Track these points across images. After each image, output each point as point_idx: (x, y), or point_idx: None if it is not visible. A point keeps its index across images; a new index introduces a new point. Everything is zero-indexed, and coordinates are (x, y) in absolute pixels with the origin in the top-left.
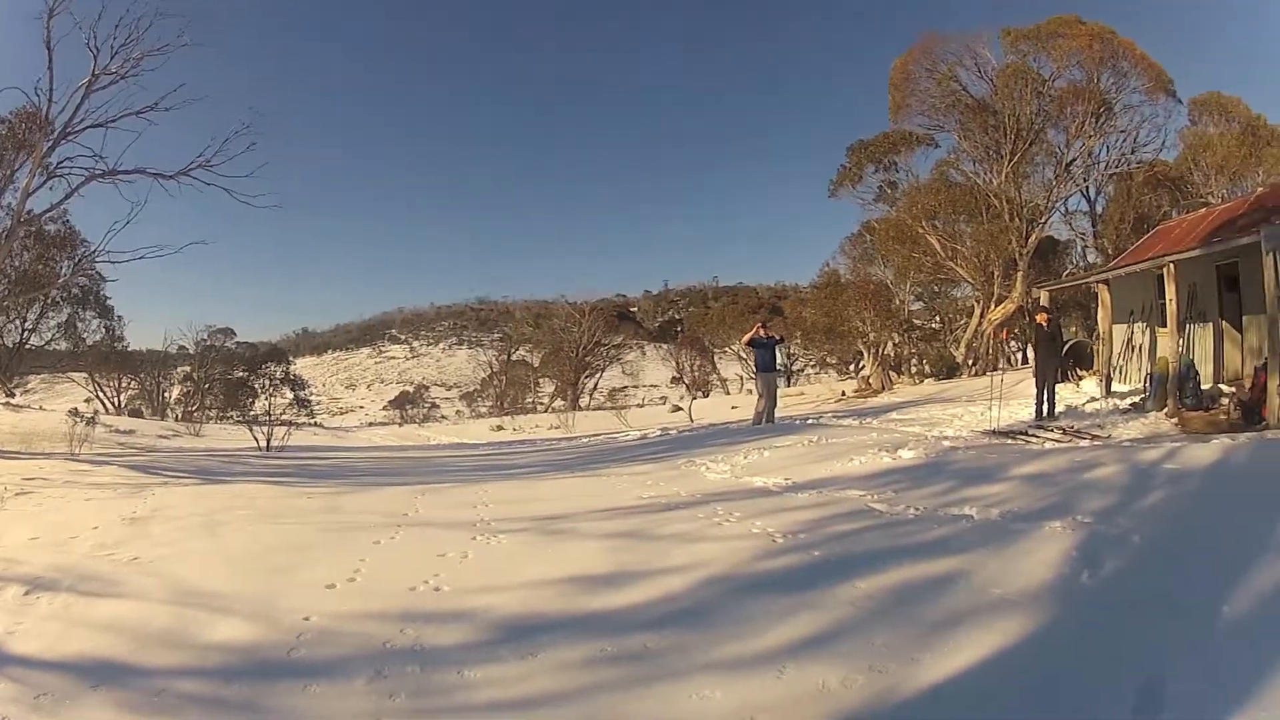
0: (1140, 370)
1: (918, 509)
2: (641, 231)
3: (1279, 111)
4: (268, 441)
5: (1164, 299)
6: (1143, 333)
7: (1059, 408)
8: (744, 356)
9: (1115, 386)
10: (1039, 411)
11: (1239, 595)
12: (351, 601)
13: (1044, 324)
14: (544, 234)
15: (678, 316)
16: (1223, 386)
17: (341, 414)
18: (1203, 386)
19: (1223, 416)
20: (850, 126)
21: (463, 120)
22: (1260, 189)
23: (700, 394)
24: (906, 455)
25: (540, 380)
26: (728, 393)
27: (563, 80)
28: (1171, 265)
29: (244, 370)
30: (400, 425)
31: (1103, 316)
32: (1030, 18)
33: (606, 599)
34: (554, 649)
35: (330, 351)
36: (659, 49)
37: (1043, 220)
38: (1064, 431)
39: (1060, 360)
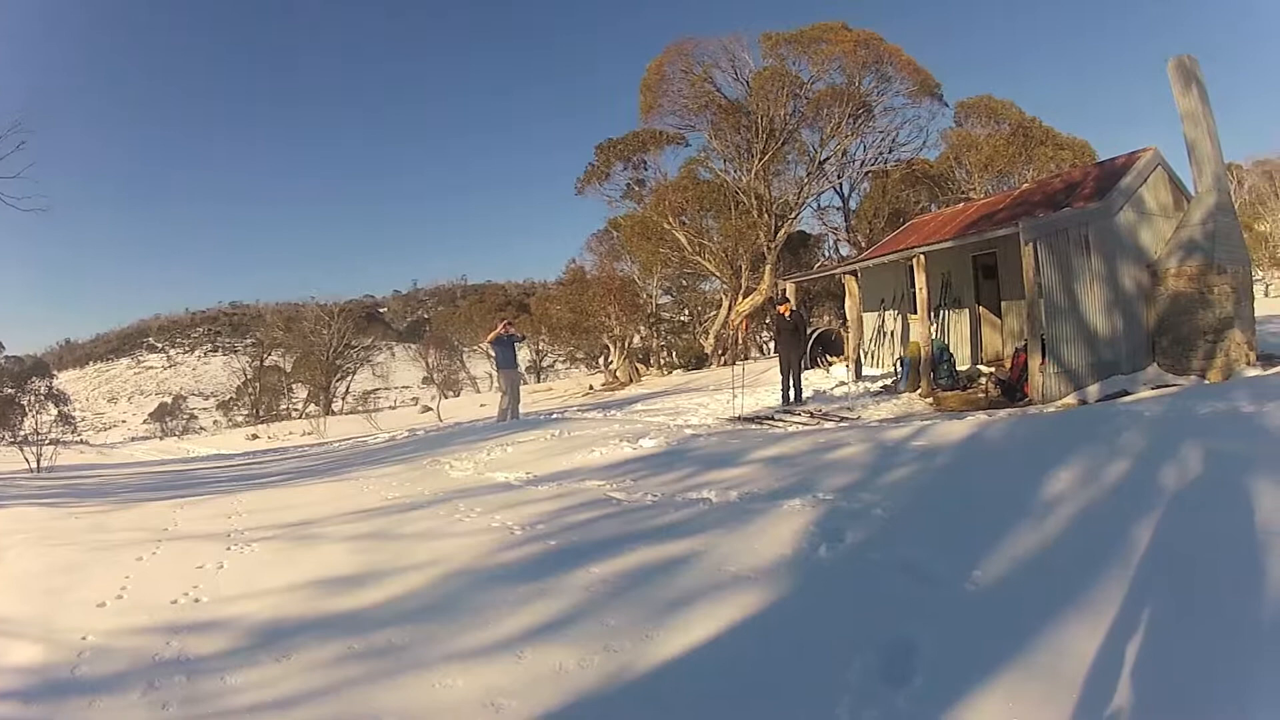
0: (893, 355)
1: (655, 495)
2: (389, 230)
3: (1063, 117)
4: (38, 462)
5: (915, 288)
6: (895, 319)
7: (807, 393)
8: (490, 354)
9: (867, 371)
10: (785, 397)
11: (990, 560)
12: (121, 618)
13: (785, 314)
14: (293, 234)
15: (426, 316)
16: (981, 367)
17: (106, 429)
18: (960, 368)
19: (981, 395)
20: (605, 125)
21: (203, 116)
22: (1025, 185)
23: (450, 394)
24: (647, 444)
25: (294, 385)
26: (478, 391)
27: (309, 77)
28: (922, 256)
29: (11, 387)
30: (161, 439)
31: (850, 305)
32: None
33: (354, 599)
34: (307, 650)
35: (92, 364)
36: (401, 43)
37: (793, 215)
38: (811, 415)
39: (804, 348)
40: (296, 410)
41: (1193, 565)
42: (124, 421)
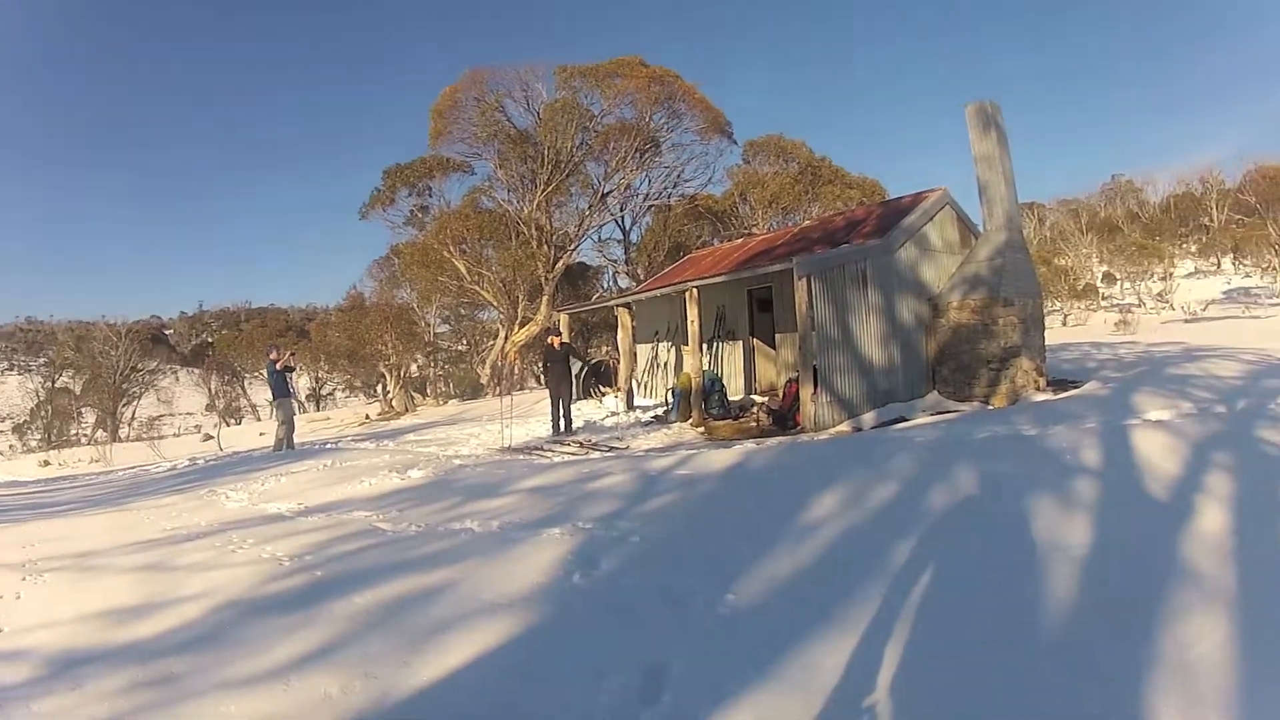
0: (666, 385)
1: (420, 526)
2: (174, 250)
3: (854, 158)
4: None
5: (688, 320)
6: (668, 351)
7: (579, 423)
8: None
9: (640, 401)
10: (556, 428)
11: (745, 583)
12: None
13: (555, 346)
14: (84, 249)
15: (210, 340)
16: (755, 397)
17: None
18: (734, 398)
19: (753, 424)
20: (400, 150)
21: None
22: (807, 221)
23: (231, 421)
24: (415, 475)
25: (84, 409)
26: (258, 419)
27: (97, 98)
28: (694, 290)
29: None
30: None
31: (623, 337)
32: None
33: (136, 629)
34: (98, 679)
35: None
36: (192, 56)
37: (573, 247)
38: (580, 445)
39: (572, 379)
40: (86, 435)
41: (959, 583)
42: None
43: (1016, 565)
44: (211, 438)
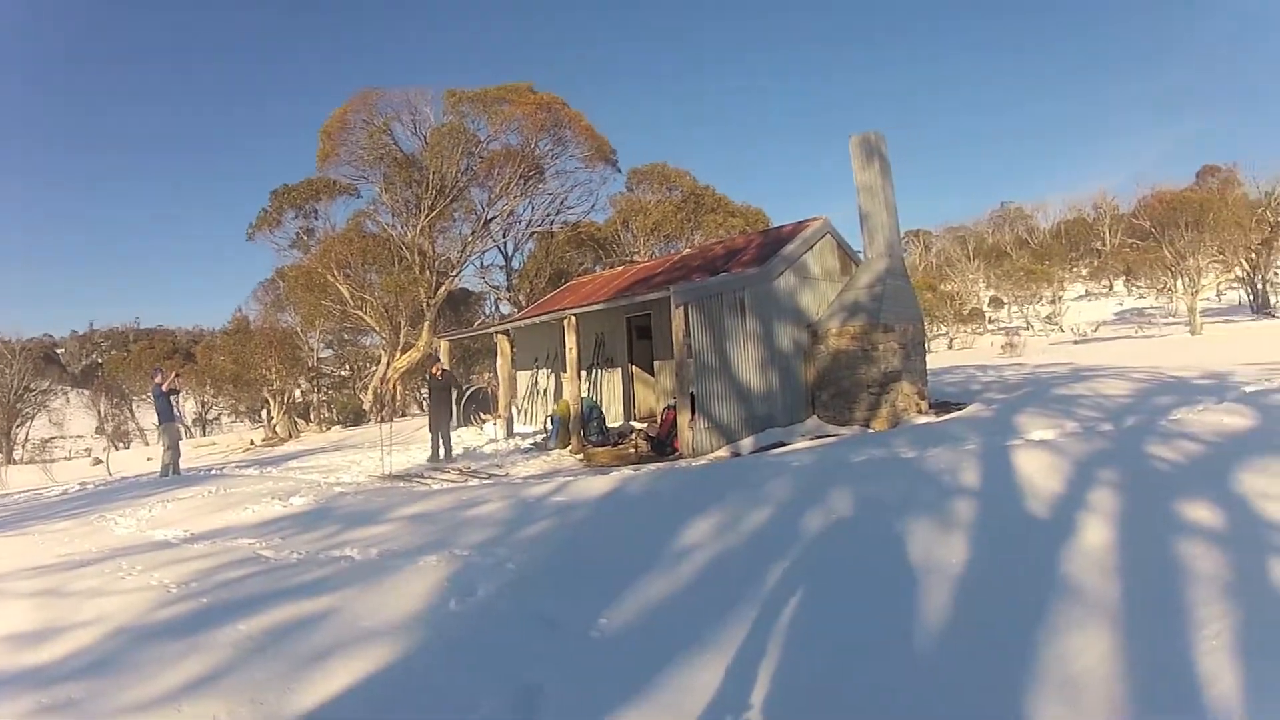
0: (546, 412)
1: (301, 553)
2: (66, 266)
3: (740, 187)
4: None
5: (567, 347)
6: (548, 378)
7: (459, 450)
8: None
9: (519, 428)
10: (435, 454)
11: (618, 607)
12: None
13: (436, 374)
14: None
15: (100, 360)
16: (634, 424)
17: None
18: (613, 424)
19: (632, 450)
20: (290, 170)
21: None
22: (687, 250)
23: (120, 445)
24: (298, 502)
25: None
26: (146, 443)
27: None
28: (573, 317)
29: None
30: None
31: (502, 364)
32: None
33: (37, 654)
34: (7, 702)
35: None
36: (84, 80)
37: (455, 273)
38: (460, 472)
39: (452, 407)
40: None
41: (834, 604)
42: None
43: (893, 586)
44: (101, 462)
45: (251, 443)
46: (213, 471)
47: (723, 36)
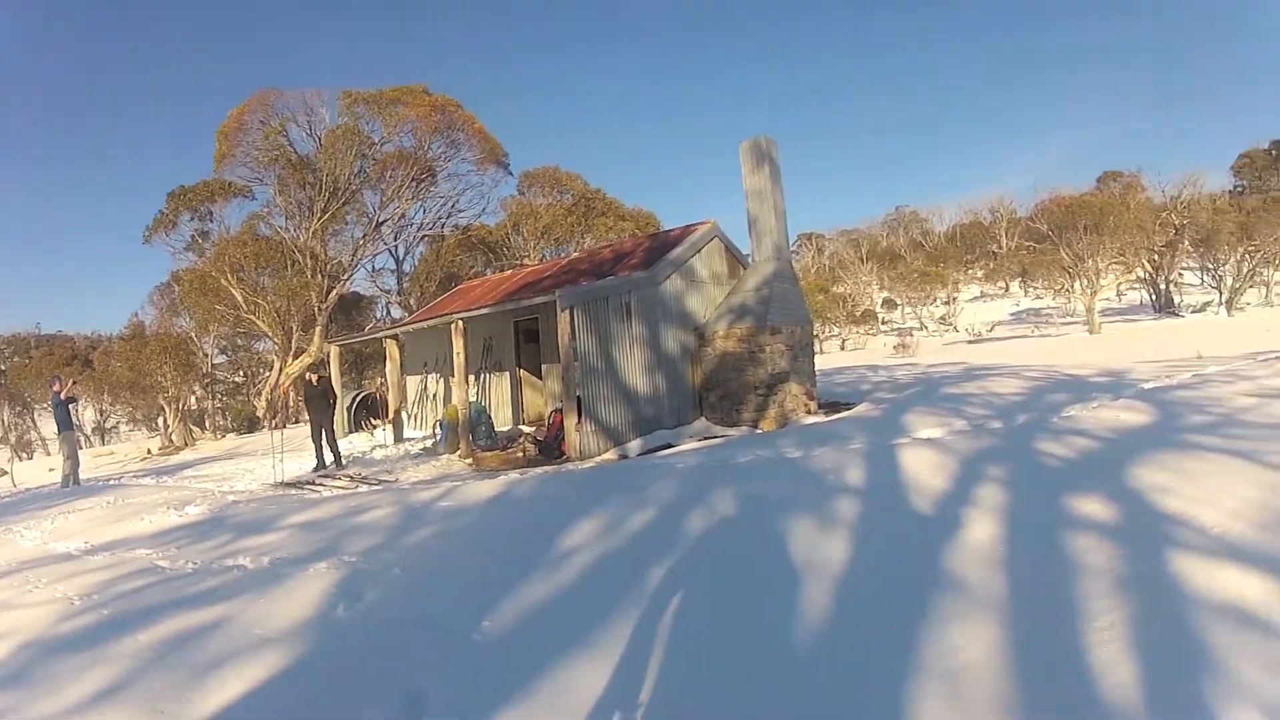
0: (436, 416)
1: (196, 563)
2: None
3: (632, 191)
4: None
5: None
6: (437, 382)
7: (349, 456)
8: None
9: (410, 433)
10: (321, 461)
11: (501, 610)
12: None
13: (314, 381)
14: None
15: (3, 367)
16: (523, 428)
17: None
18: (502, 429)
19: (520, 455)
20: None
21: None
22: (576, 253)
23: (24, 455)
24: (193, 512)
25: None
26: (48, 453)
27: None
28: (460, 321)
29: None
30: None
31: (391, 369)
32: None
33: None
34: None
35: None
36: None
37: (346, 276)
38: (351, 479)
39: (332, 415)
40: None
41: (717, 602)
42: None
43: (774, 584)
44: (5, 473)
45: (149, 452)
46: (111, 482)
47: (621, 38)
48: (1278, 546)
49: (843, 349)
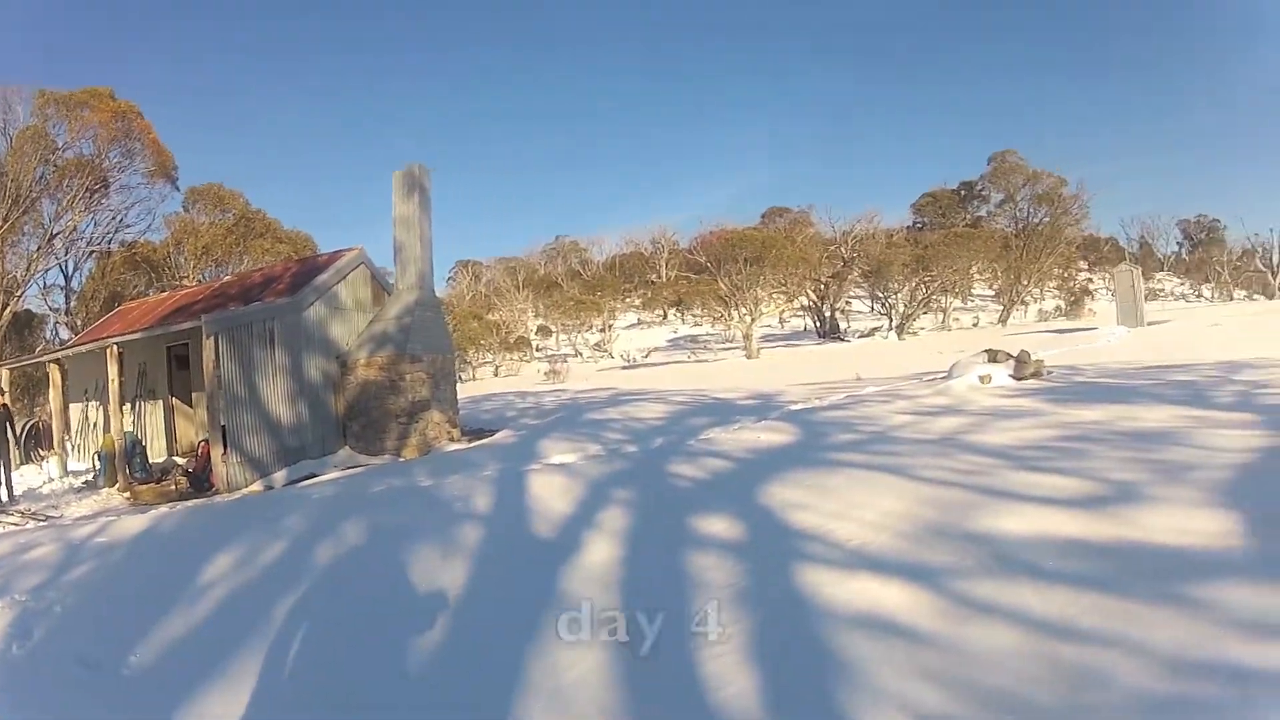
0: (95, 447)
1: None
2: None
3: (294, 214)
4: None
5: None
6: (97, 410)
7: (21, 490)
8: None
9: (73, 465)
10: None
11: (145, 646)
12: None
13: None
14: None
15: None
16: (177, 459)
17: None
18: (157, 459)
19: (173, 487)
20: None
21: None
22: (228, 277)
23: None
24: None
25: None
26: None
27: None
28: (115, 346)
29: None
30: None
31: (54, 396)
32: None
33: None
34: None
35: None
36: None
37: (19, 293)
38: (22, 514)
39: (10, 444)
40: None
41: (339, 629)
42: None
43: (394, 610)
44: None
45: None
46: None
47: (303, 51)
48: (922, 557)
49: (496, 375)
